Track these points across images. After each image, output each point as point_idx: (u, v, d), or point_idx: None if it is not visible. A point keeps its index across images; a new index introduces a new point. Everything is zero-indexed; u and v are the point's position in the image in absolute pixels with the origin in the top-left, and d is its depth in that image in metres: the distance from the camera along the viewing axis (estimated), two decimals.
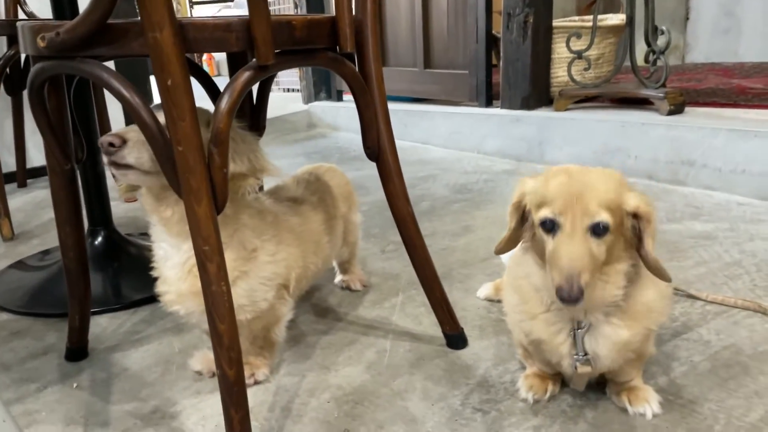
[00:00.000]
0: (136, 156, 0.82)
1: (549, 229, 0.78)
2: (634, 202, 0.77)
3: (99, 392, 1.02)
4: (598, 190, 0.76)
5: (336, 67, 0.93)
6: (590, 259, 0.75)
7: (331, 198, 1.23)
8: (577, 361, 0.84)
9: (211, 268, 0.77)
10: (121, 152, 0.82)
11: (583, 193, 0.76)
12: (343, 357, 1.09)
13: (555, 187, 0.78)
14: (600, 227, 0.75)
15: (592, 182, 0.77)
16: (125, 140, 0.82)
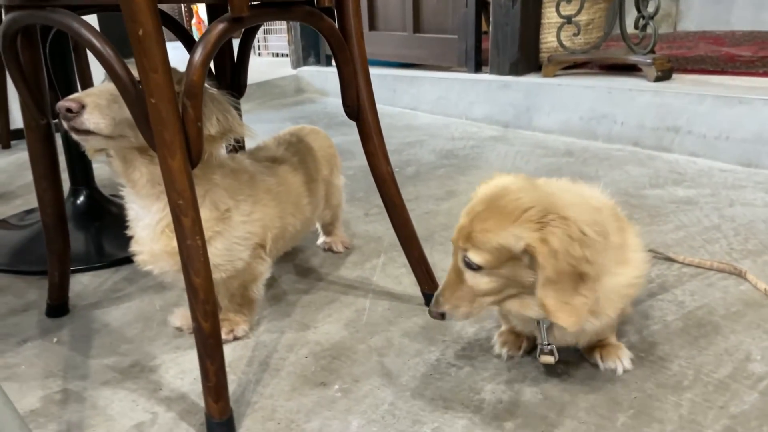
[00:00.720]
0: (95, 121, 0.81)
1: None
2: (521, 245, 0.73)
3: (78, 347, 1.03)
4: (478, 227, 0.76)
5: (314, 21, 0.92)
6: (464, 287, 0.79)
7: (312, 160, 1.23)
8: (542, 351, 0.86)
9: (186, 222, 0.77)
10: (79, 118, 0.80)
11: (465, 226, 0.78)
12: (323, 315, 1.11)
13: (463, 211, 0.81)
14: (471, 263, 0.77)
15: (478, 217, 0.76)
16: (83, 105, 0.80)
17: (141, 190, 0.91)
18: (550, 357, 0.86)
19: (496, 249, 0.75)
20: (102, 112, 0.81)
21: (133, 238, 0.96)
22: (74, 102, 0.80)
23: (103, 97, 0.82)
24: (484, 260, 0.76)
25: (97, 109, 0.81)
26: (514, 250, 0.74)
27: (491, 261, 0.75)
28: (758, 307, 1.06)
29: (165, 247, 0.92)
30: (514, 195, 0.76)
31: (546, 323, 0.85)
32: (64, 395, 0.90)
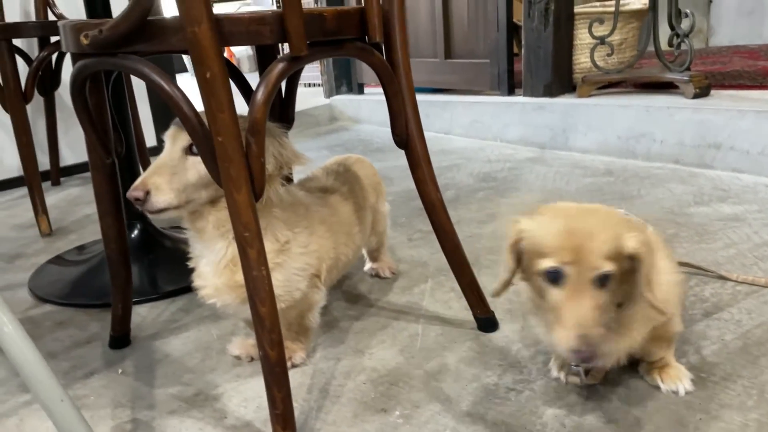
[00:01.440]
0: (164, 200, 0.87)
1: (552, 280, 0.75)
2: (631, 245, 0.74)
3: (143, 377, 1.06)
4: (599, 240, 0.74)
5: (364, 56, 0.95)
6: (599, 312, 0.73)
7: (360, 188, 1.26)
8: (569, 372, 0.85)
9: (252, 254, 0.80)
10: (149, 202, 0.87)
11: (585, 244, 0.74)
12: (376, 341, 1.12)
13: (555, 235, 0.75)
14: (605, 278, 0.74)
15: (594, 230, 0.75)
16: (148, 191, 0.86)
17: (206, 235, 0.95)
18: (577, 378, 0.86)
19: (618, 256, 0.74)
20: (165, 190, 0.87)
21: (196, 272, 1.00)
22: (139, 191, 0.86)
23: (163, 174, 0.88)
24: (616, 269, 0.74)
25: (160, 189, 0.87)
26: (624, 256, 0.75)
27: (617, 270, 0.75)
28: None
29: (228, 281, 0.95)
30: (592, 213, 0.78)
31: None
32: (134, 425, 0.93)
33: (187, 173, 0.89)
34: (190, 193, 0.89)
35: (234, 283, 0.95)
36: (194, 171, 0.89)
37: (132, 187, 0.87)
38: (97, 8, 1.38)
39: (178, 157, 0.89)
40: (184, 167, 0.89)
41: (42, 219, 1.90)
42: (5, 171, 2.56)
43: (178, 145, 0.89)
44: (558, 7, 2.40)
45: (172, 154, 0.89)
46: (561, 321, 0.74)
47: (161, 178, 0.87)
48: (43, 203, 1.92)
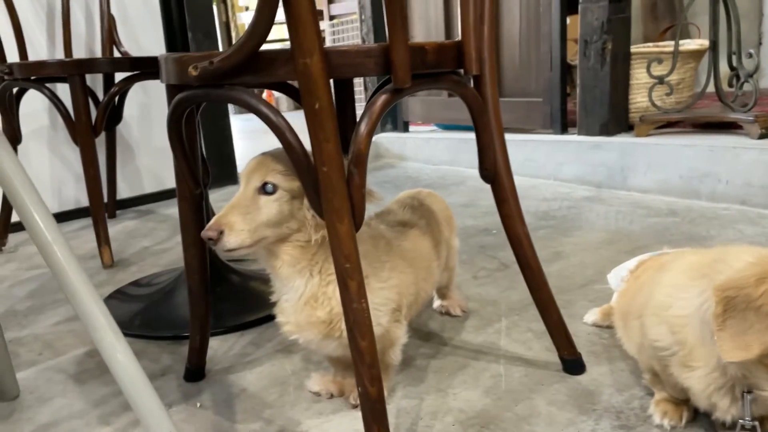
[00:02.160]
0: (235, 240, 0.87)
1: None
2: None
3: (222, 412, 1.04)
4: None
5: (459, 89, 0.95)
6: None
7: (435, 222, 1.24)
8: (743, 428, 0.80)
9: (352, 286, 0.79)
10: (221, 242, 0.87)
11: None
12: (458, 381, 1.09)
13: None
14: None
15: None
16: (221, 231, 0.87)
17: (282, 272, 0.95)
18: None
19: None
20: (238, 230, 0.87)
21: (278, 307, 0.99)
22: (213, 231, 0.87)
23: (236, 213, 0.88)
24: None
25: (234, 229, 0.87)
26: None
27: None
28: None
29: (309, 318, 0.94)
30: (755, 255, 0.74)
31: (752, 396, 0.78)
32: None
33: (259, 213, 0.89)
34: (261, 232, 0.89)
35: (316, 320, 0.94)
36: (266, 210, 0.89)
37: (206, 227, 0.87)
38: (177, 45, 1.42)
39: (250, 196, 0.89)
40: (257, 207, 0.89)
41: (105, 250, 1.93)
42: (64, 203, 2.62)
43: (251, 185, 0.90)
44: (615, 47, 2.40)
45: (246, 193, 0.90)
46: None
47: (234, 217, 0.88)
48: (106, 235, 1.94)
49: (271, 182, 0.89)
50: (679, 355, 0.83)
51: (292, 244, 0.93)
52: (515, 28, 2.82)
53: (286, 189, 0.89)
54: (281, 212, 0.90)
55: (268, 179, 0.89)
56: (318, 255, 0.93)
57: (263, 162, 0.91)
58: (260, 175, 0.89)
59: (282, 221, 0.90)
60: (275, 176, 0.89)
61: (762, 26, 3.79)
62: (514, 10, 2.80)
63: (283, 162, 0.89)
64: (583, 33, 2.45)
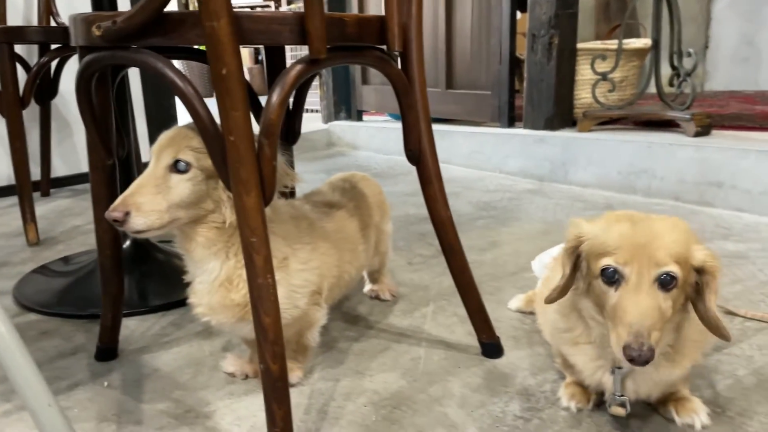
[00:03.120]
0: (144, 221, 0.82)
1: (611, 280, 0.73)
2: (701, 255, 0.73)
3: (131, 391, 1.00)
4: (666, 240, 0.72)
5: (382, 66, 0.93)
6: (659, 314, 0.70)
7: (366, 206, 1.22)
8: (613, 402, 0.82)
9: (258, 260, 0.77)
10: (128, 223, 0.81)
11: (650, 243, 0.71)
12: (377, 363, 1.07)
13: (618, 235, 0.73)
14: (669, 279, 0.71)
15: (660, 231, 0.73)
16: (128, 212, 0.81)
17: (196, 255, 0.91)
18: (621, 409, 0.82)
19: (684, 263, 0.72)
20: (146, 211, 0.82)
21: (191, 289, 0.95)
22: (118, 212, 0.81)
23: (145, 193, 0.83)
24: (681, 275, 0.71)
25: (141, 210, 0.82)
26: (694, 265, 0.73)
27: (682, 276, 0.72)
28: None
29: (223, 300, 0.91)
30: (659, 219, 0.76)
31: (622, 373, 0.81)
32: None
33: (170, 193, 0.83)
34: (172, 213, 0.84)
35: (230, 303, 0.90)
36: (178, 190, 0.84)
37: (111, 207, 0.81)
38: (104, 5, 1.36)
39: (161, 175, 0.84)
40: (168, 186, 0.83)
41: (30, 228, 1.85)
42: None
43: (162, 162, 0.84)
44: (561, 42, 2.42)
45: (156, 171, 0.84)
46: (617, 321, 0.70)
47: (143, 197, 0.82)
48: (32, 212, 1.86)
49: (183, 160, 0.83)
50: (571, 334, 0.84)
51: (207, 226, 0.89)
52: (467, 21, 2.82)
53: (201, 167, 0.84)
54: (195, 192, 0.85)
55: (180, 156, 0.83)
56: (234, 237, 0.89)
57: (176, 137, 0.85)
58: (172, 152, 0.84)
59: (196, 202, 0.85)
60: (188, 153, 0.84)
61: (709, 30, 3.89)
62: (466, 3, 2.80)
63: (196, 137, 0.84)
64: (531, 27, 2.47)
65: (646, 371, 0.79)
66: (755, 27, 3.64)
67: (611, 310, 0.73)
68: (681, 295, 0.74)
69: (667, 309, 0.72)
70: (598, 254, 0.74)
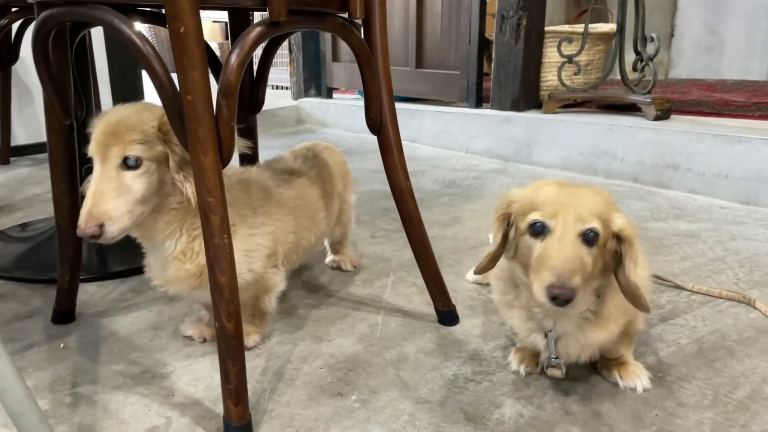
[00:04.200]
0: (118, 227, 0.81)
1: (538, 232, 0.76)
2: (620, 222, 0.77)
3: (87, 353, 1.01)
4: (590, 201, 0.76)
5: (344, 33, 0.94)
6: (581, 264, 0.73)
7: (328, 174, 1.23)
8: (549, 365, 0.86)
9: (215, 221, 0.77)
10: (105, 234, 0.80)
11: (576, 202, 0.75)
12: (335, 329, 1.09)
13: (545, 194, 0.77)
14: (591, 234, 0.74)
15: (584, 194, 0.77)
16: (101, 224, 0.80)
17: (154, 239, 0.91)
18: (558, 371, 0.86)
19: (605, 225, 0.75)
20: (118, 216, 0.81)
21: (146, 261, 0.96)
22: (92, 227, 0.79)
23: (109, 199, 0.81)
24: (602, 233, 0.75)
25: (113, 218, 0.81)
26: (613, 231, 0.77)
27: (603, 236, 0.75)
28: None
29: (177, 272, 0.92)
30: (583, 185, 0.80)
31: (554, 335, 0.85)
32: (75, 398, 0.87)
33: (130, 191, 0.82)
34: (137, 209, 0.84)
35: (185, 273, 0.91)
36: (136, 187, 0.83)
37: (82, 224, 0.79)
38: None
39: (114, 176, 0.82)
40: (126, 185, 0.82)
41: None
42: None
43: (111, 162, 0.82)
44: (529, 24, 2.45)
45: (108, 173, 0.82)
46: (541, 267, 0.73)
47: (108, 204, 0.81)
48: None
49: (133, 156, 0.82)
50: (506, 297, 0.88)
51: (165, 210, 0.89)
52: (437, 1, 2.82)
53: (151, 158, 0.84)
54: (152, 184, 0.84)
55: (129, 153, 0.82)
56: (187, 213, 0.89)
57: (115, 134, 0.82)
58: (118, 150, 0.82)
59: (154, 192, 0.85)
60: (135, 148, 0.82)
61: (675, 18, 3.97)
62: None
63: (138, 128, 0.83)
64: (500, 7, 2.49)
65: (575, 336, 0.83)
66: (718, 17, 3.73)
67: (536, 260, 0.75)
68: (600, 258, 0.77)
69: (589, 264, 0.75)
70: (525, 213, 0.78)
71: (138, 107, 0.87)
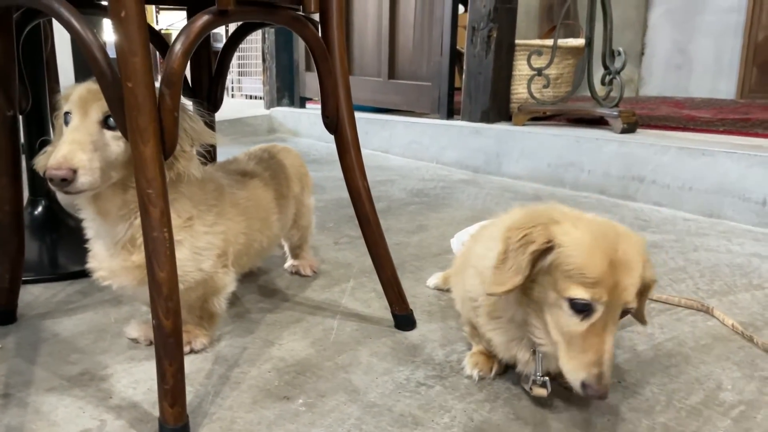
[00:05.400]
0: (89, 180, 0.79)
1: (580, 311, 0.73)
2: (650, 276, 0.78)
3: (25, 355, 0.96)
4: (635, 275, 0.73)
5: (298, 28, 0.92)
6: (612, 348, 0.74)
7: (284, 176, 1.21)
8: (534, 383, 0.84)
9: (154, 213, 0.74)
10: (75, 182, 0.77)
11: (622, 280, 0.72)
12: (288, 333, 1.06)
13: (597, 268, 0.71)
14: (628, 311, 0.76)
15: (632, 264, 0.73)
16: (75, 170, 0.77)
17: (108, 216, 0.88)
18: (543, 390, 0.83)
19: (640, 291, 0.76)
20: (92, 168, 0.79)
21: (91, 253, 0.92)
22: (65, 170, 0.76)
23: (87, 150, 0.79)
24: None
25: (87, 168, 0.78)
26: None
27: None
28: (726, 341, 1.06)
29: (124, 262, 0.89)
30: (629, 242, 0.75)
31: (543, 352, 0.82)
32: (5, 400, 0.83)
33: (108, 150, 0.81)
34: (107, 172, 0.82)
35: (131, 264, 0.88)
36: (114, 147, 0.82)
37: (53, 165, 0.76)
38: None
39: (95, 131, 0.81)
40: (105, 143, 0.81)
41: None
42: None
43: (92, 117, 0.81)
44: (500, 36, 2.46)
45: (87, 127, 0.81)
46: (580, 354, 0.73)
47: (86, 155, 0.78)
48: None
49: None
50: (486, 305, 0.85)
51: (125, 186, 0.86)
52: (410, 13, 2.83)
53: None
54: (127, 152, 0.81)
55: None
56: None
57: (100, 93, 0.79)
58: (101, 107, 0.80)
59: (128, 162, 0.83)
60: None
61: (645, 37, 4.04)
62: None
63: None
64: (471, 19, 2.50)
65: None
66: (687, 36, 3.80)
67: (572, 336, 0.73)
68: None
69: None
70: (571, 277, 0.73)
71: None
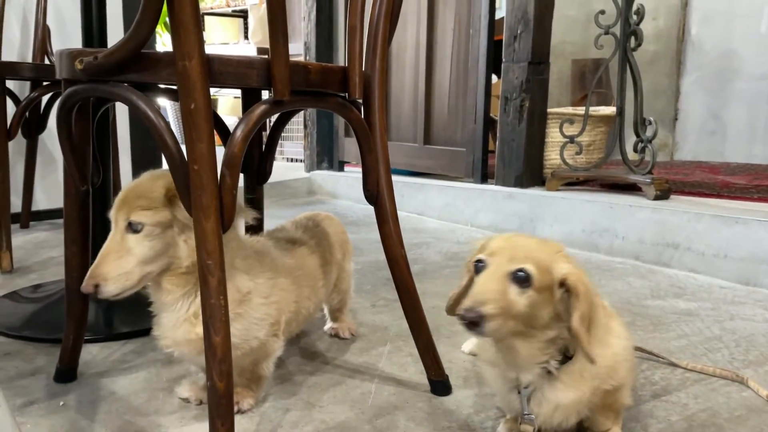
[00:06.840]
0: (114, 288, 0.90)
1: (479, 269, 0.82)
2: (563, 270, 0.80)
3: (85, 412, 1.03)
4: (531, 248, 0.81)
5: (344, 112, 1.01)
6: (501, 296, 0.77)
7: (327, 244, 1.28)
8: (522, 421, 0.88)
9: (212, 282, 0.82)
10: (101, 293, 0.89)
11: (515, 246, 0.81)
12: (328, 396, 1.11)
13: (497, 240, 0.85)
14: (522, 274, 0.78)
15: (530, 243, 0.83)
16: (96, 284, 0.89)
17: (168, 299, 0.97)
18: (530, 427, 0.87)
19: (545, 271, 0.79)
20: (113, 278, 0.89)
21: (156, 321, 1.00)
22: (89, 286, 0.89)
23: (109, 261, 0.90)
24: (537, 277, 0.78)
25: (108, 279, 0.89)
26: (557, 278, 0.79)
27: (540, 281, 0.78)
28: (761, 413, 1.06)
29: (187, 334, 0.96)
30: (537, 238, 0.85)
31: (527, 393, 0.86)
32: None
33: (131, 253, 0.90)
34: (141, 270, 0.91)
35: (195, 336, 0.95)
36: (138, 250, 0.91)
37: (86, 280, 0.89)
38: (94, 40, 1.44)
39: (119, 239, 0.91)
40: (128, 248, 0.90)
41: (4, 256, 1.88)
42: None
43: (119, 226, 0.91)
44: (532, 106, 2.55)
45: (116, 236, 0.91)
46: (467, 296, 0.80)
47: (107, 266, 0.89)
48: (8, 240, 1.90)
49: (135, 221, 0.90)
50: (486, 355, 0.91)
51: (174, 271, 0.95)
52: (445, 82, 2.96)
53: (153, 223, 0.91)
54: (154, 248, 0.91)
55: (131, 218, 0.90)
56: None
57: (125, 200, 0.92)
58: (124, 215, 0.91)
59: (159, 254, 0.92)
60: (138, 214, 0.90)
61: (678, 103, 4.09)
62: (445, 64, 2.95)
63: (146, 195, 0.92)
64: (504, 90, 2.60)
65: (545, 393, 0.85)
66: (720, 102, 3.84)
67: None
68: (545, 305, 0.80)
69: (519, 303, 0.78)
70: (476, 254, 0.85)
71: (156, 175, 0.96)
